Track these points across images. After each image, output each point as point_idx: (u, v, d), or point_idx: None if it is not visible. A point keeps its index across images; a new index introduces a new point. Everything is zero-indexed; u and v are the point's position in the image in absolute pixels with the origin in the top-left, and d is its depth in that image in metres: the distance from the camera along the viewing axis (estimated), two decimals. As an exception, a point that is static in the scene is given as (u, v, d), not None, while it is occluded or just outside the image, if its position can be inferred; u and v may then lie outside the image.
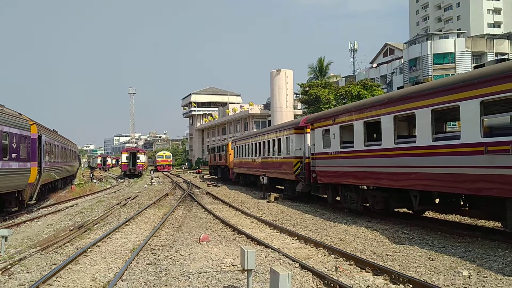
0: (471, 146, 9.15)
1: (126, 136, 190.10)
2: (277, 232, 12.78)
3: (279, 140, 21.66)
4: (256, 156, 26.43)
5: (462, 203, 11.65)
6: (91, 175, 49.30)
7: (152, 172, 51.06)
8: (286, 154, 20.35)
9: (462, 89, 9.44)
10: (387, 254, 9.18)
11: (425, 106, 10.59)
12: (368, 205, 14.30)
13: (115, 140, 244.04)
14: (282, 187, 22.96)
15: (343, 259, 8.98)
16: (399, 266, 8.32)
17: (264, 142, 24.79)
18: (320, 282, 7.46)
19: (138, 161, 52.92)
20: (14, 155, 15.72)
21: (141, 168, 53.36)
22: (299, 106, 59.00)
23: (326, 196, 17.06)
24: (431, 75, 53.59)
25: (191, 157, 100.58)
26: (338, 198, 16.17)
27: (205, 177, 48.96)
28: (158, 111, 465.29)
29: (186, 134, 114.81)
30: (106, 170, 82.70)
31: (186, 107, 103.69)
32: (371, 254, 9.36)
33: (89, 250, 10.33)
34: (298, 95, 58.38)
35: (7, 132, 15.29)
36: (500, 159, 8.48)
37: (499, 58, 24.72)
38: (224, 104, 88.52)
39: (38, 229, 14.21)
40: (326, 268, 8.39)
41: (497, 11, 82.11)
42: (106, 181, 47.90)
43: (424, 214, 14.29)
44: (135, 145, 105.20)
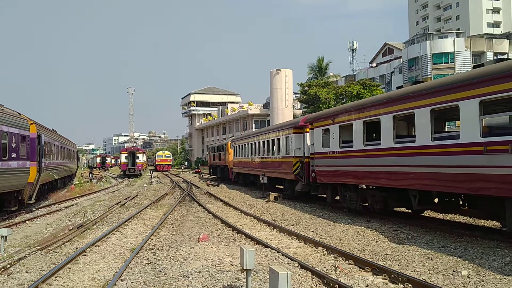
0: (470, 146, 9.15)
1: (125, 135, 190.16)
2: (276, 231, 12.79)
3: (279, 139, 21.66)
4: (255, 155, 26.42)
5: (461, 203, 11.66)
6: (91, 175, 49.24)
7: (151, 171, 51.06)
8: (286, 154, 20.35)
9: (462, 88, 9.44)
10: (387, 254, 9.19)
11: (424, 105, 10.60)
12: (367, 204, 14.33)
13: (115, 139, 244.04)
14: (282, 187, 22.96)
15: (343, 259, 8.98)
16: (398, 265, 8.32)
17: (263, 141, 24.78)
18: (319, 282, 7.47)
19: (137, 160, 52.93)
20: (13, 155, 15.72)
21: (140, 167, 53.34)
22: (299, 105, 59.07)
23: (325, 195, 17.07)
24: (431, 75, 53.66)
25: (191, 156, 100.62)
26: (338, 198, 16.18)
27: (204, 176, 48.95)
28: (158, 111, 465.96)
29: (186, 134, 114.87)
30: (105, 170, 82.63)
31: (186, 107, 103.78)
32: (371, 253, 9.37)
33: (88, 249, 10.33)
34: (297, 95, 58.45)
35: (6, 131, 15.28)
36: (499, 159, 8.48)
37: (498, 57, 24.79)
38: (223, 103, 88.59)
39: (38, 228, 14.20)
40: (325, 267, 8.39)
41: (496, 11, 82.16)
42: (106, 180, 47.86)
43: (423, 214, 14.30)
44: (135, 144, 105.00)
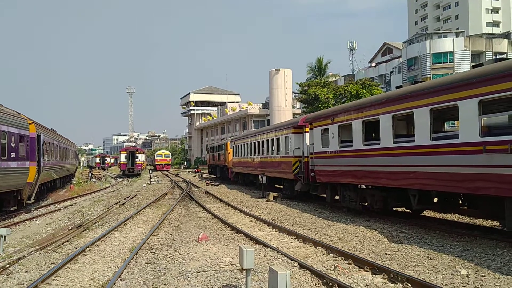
0: (470, 146, 9.16)
1: (125, 135, 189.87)
2: (276, 231, 12.79)
3: (278, 139, 21.66)
4: (255, 155, 26.42)
5: (461, 202, 11.66)
6: (90, 174, 49.28)
7: (151, 171, 51.05)
8: (285, 154, 20.35)
9: (461, 88, 9.45)
10: (386, 253, 9.19)
11: (423, 105, 10.61)
12: (366, 204, 14.33)
13: (114, 139, 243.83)
14: (281, 187, 22.97)
15: (342, 258, 8.99)
16: (398, 265, 8.33)
17: (263, 141, 24.78)
18: (318, 281, 7.47)
19: (137, 160, 52.94)
20: (12, 154, 15.71)
21: (139, 167, 53.33)
22: (298, 105, 59.08)
23: (324, 195, 17.07)
24: (430, 74, 53.67)
25: (190, 156, 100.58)
26: (337, 197, 16.18)
27: (204, 176, 48.94)
28: (157, 111, 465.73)
29: (185, 134, 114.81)
30: (104, 170, 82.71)
31: (185, 106, 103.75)
32: (370, 253, 9.37)
33: (88, 249, 10.33)
34: (297, 95, 58.47)
35: (6, 131, 15.27)
36: (498, 158, 8.49)
37: (498, 57, 24.83)
38: (223, 103, 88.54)
39: (37, 228, 14.19)
40: (324, 267, 8.40)
41: (495, 10, 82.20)
42: (105, 180, 47.84)
43: (422, 213, 14.31)
44: (134, 144, 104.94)
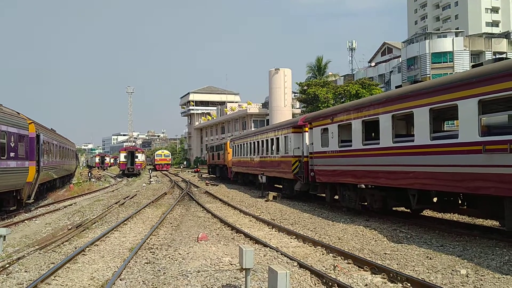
0: (469, 145, 9.16)
1: (124, 135, 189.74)
2: (275, 231, 12.79)
3: (278, 139, 21.66)
4: (254, 155, 26.41)
5: (460, 202, 11.66)
6: (90, 174, 49.25)
7: (150, 171, 51.04)
8: (285, 153, 20.35)
9: (460, 88, 9.45)
10: (385, 253, 9.20)
11: (423, 105, 10.61)
12: (366, 204, 14.33)
13: (114, 139, 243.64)
14: (281, 186, 22.96)
15: (341, 258, 9.00)
16: (397, 264, 8.34)
17: (262, 141, 24.78)
18: (318, 281, 7.47)
19: (136, 160, 52.92)
20: (12, 154, 15.70)
21: (139, 167, 53.32)
22: (298, 105, 59.04)
23: (324, 195, 17.07)
24: (429, 74, 53.70)
25: (190, 156, 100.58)
26: (336, 197, 16.19)
27: (203, 176, 48.92)
28: (157, 110, 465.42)
29: (185, 133, 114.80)
30: (104, 169, 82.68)
31: (185, 106, 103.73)
32: (369, 253, 9.38)
33: (87, 249, 10.33)
34: (296, 94, 58.48)
35: (5, 131, 15.26)
36: (498, 158, 8.49)
37: (497, 57, 24.82)
38: (222, 103, 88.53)
39: (37, 228, 14.19)
40: (324, 267, 8.40)
41: (495, 10, 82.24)
42: (105, 180, 47.84)
43: (422, 213, 14.31)
44: (134, 144, 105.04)
